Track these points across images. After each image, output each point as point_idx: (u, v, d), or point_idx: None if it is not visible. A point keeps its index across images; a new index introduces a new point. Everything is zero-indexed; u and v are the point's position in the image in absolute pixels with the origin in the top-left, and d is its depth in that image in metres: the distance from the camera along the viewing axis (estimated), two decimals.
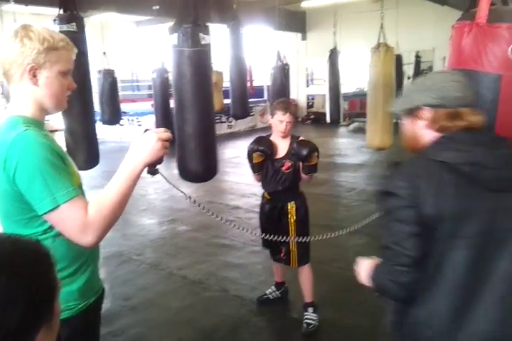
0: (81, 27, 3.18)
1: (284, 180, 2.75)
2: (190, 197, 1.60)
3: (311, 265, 2.92)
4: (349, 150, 9.41)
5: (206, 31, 2.85)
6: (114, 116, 8.36)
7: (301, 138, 2.76)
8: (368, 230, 4.60)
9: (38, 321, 0.64)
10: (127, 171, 1.26)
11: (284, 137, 2.73)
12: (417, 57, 12.17)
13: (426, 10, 11.70)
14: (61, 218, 1.20)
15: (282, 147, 2.74)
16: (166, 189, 6.23)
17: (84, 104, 3.46)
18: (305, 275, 2.86)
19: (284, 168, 2.73)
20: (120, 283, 3.47)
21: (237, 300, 3.23)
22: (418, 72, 12.27)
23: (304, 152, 2.60)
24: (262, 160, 2.72)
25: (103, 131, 12.09)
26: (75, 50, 1.37)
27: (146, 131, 1.31)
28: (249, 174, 3.06)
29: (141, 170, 1.28)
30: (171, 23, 2.93)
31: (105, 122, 8.32)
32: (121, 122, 10.19)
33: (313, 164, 2.67)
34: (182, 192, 1.55)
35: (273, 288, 3.19)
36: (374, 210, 5.58)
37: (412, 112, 1.31)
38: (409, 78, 12.74)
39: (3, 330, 0.59)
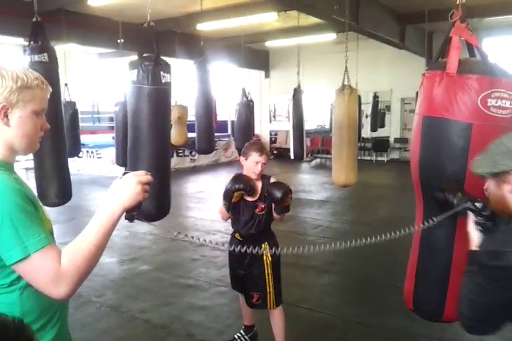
0: (53, 57, 3.12)
1: (259, 222, 2.71)
2: (182, 234, 1.50)
3: None
4: (312, 186, 9.51)
5: (167, 70, 2.84)
6: (73, 148, 8.14)
7: (273, 180, 2.75)
8: (336, 269, 4.62)
9: None
10: (105, 216, 1.19)
11: (257, 179, 2.71)
12: (375, 97, 12.66)
13: (384, 53, 12.31)
14: (32, 268, 1.11)
15: (255, 189, 2.71)
16: (126, 225, 6.04)
17: (57, 138, 3.37)
18: (277, 318, 2.79)
19: (257, 210, 2.70)
20: (79, 327, 3.26)
21: None
22: (376, 111, 12.76)
23: (278, 195, 2.58)
24: (240, 199, 2.68)
25: None
26: (50, 89, 1.32)
27: (125, 173, 1.25)
28: (214, 210, 3.01)
29: (120, 215, 1.21)
30: (134, 57, 2.90)
31: None
32: (79, 154, 9.99)
33: (286, 205, 2.65)
34: (171, 230, 1.48)
35: (242, 332, 3.08)
36: (341, 248, 5.58)
37: (498, 176, 1.28)
38: (367, 117, 13.22)
39: None
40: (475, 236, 1.40)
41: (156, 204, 2.85)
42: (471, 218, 1.43)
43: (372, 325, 3.34)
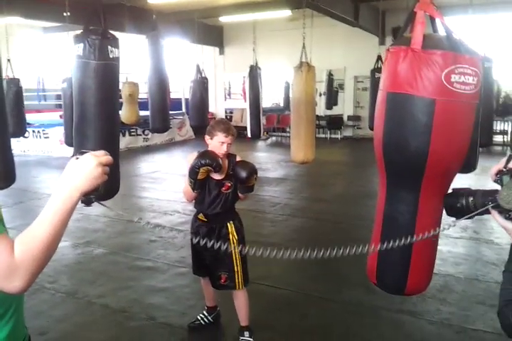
0: None
1: (225, 201, 2.65)
2: (146, 221, 1.43)
3: None
4: (269, 164, 9.52)
5: (115, 44, 2.71)
6: (18, 127, 7.75)
7: (239, 159, 2.69)
8: (295, 245, 4.64)
9: None
10: (61, 201, 1.08)
11: (222, 157, 2.64)
12: (330, 75, 12.71)
13: (338, 31, 12.33)
14: None
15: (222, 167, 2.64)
16: (78, 207, 5.77)
17: None
18: (242, 298, 2.76)
19: (223, 189, 2.64)
20: (33, 315, 3.11)
21: (165, 328, 3.03)
22: (331, 89, 12.84)
23: (244, 174, 2.54)
24: (207, 176, 2.59)
25: None
26: None
27: (82, 153, 1.14)
28: (170, 190, 2.93)
29: (78, 200, 1.11)
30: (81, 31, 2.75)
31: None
32: (25, 134, 9.49)
33: (250, 185, 2.61)
34: (130, 216, 1.39)
35: (204, 312, 3.04)
36: (299, 225, 5.67)
37: None
38: (320, 95, 13.30)
39: None
40: None
41: (104, 185, 2.77)
42: (496, 214, 1.34)
43: (333, 300, 3.40)
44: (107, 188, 2.77)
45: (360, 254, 1.33)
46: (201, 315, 3.03)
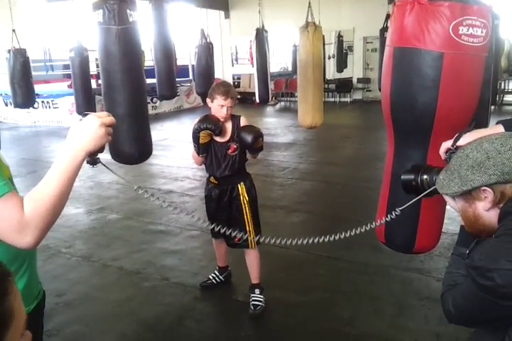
0: None
1: (232, 163, 2.66)
2: (142, 189, 1.44)
3: None
4: (278, 129, 9.48)
5: (133, 7, 2.70)
6: (27, 98, 7.74)
7: (243, 121, 2.68)
8: (304, 208, 4.70)
9: None
10: (67, 161, 1.10)
11: (225, 120, 2.63)
12: (340, 36, 12.39)
13: None
14: None
15: (225, 130, 2.64)
16: (90, 175, 5.91)
17: None
18: (253, 257, 2.83)
19: (230, 151, 2.65)
20: (50, 278, 3.23)
21: (179, 287, 3.13)
22: (341, 51, 12.54)
23: (249, 139, 2.54)
24: (209, 140, 2.61)
25: (15, 116, 11.27)
26: None
27: (85, 114, 1.15)
28: (181, 157, 2.96)
29: (83, 159, 1.13)
30: None
31: (18, 105, 7.71)
32: (34, 105, 9.50)
33: (258, 147, 2.62)
34: (130, 183, 1.42)
35: (216, 272, 3.13)
36: (308, 188, 5.67)
37: (469, 193, 1.11)
38: (329, 58, 13.02)
39: None
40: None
41: (137, 147, 2.91)
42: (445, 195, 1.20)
43: (342, 259, 3.46)
44: (141, 150, 2.92)
45: (364, 216, 1.32)
46: (213, 275, 3.12)
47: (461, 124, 1.87)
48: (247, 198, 2.73)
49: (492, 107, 8.94)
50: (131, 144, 2.89)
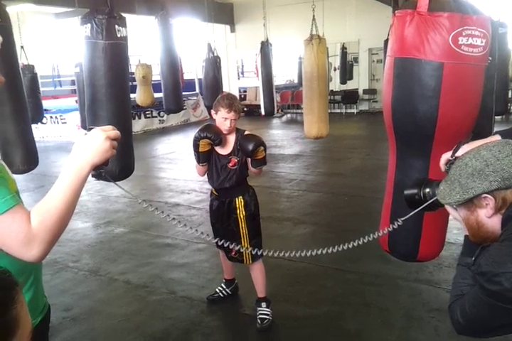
0: (4, 16, 2.90)
1: (231, 177, 2.66)
2: (147, 202, 1.46)
3: None
4: (285, 141, 9.50)
5: (123, 23, 2.70)
6: (36, 114, 7.76)
7: (246, 133, 2.69)
8: (311, 219, 4.68)
9: None
10: (73, 174, 1.11)
11: (229, 133, 2.64)
12: (344, 48, 12.46)
13: (350, 2, 12.02)
14: (0, 231, 1.04)
15: (228, 142, 2.65)
16: (98, 189, 5.94)
17: (17, 101, 3.20)
18: (257, 271, 2.81)
19: (230, 165, 2.65)
20: (58, 293, 3.24)
21: (186, 301, 3.11)
22: (345, 62, 12.60)
23: (249, 147, 2.54)
24: (209, 149, 2.61)
25: None
26: (0, 39, 1.21)
27: (90, 129, 1.17)
28: (187, 170, 2.96)
29: (88, 173, 1.14)
30: None
31: None
32: (43, 120, 9.61)
33: (260, 158, 2.61)
34: (134, 196, 1.43)
35: (223, 285, 3.11)
36: (315, 199, 5.66)
37: (471, 201, 1.11)
38: (335, 70, 13.09)
39: None
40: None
41: (119, 165, 2.80)
42: (447, 206, 1.22)
43: (350, 271, 3.43)
44: (122, 167, 2.83)
45: (372, 226, 1.31)
46: (220, 288, 3.10)
47: (462, 133, 1.87)
48: (243, 213, 2.70)
49: (499, 117, 8.91)
50: (112, 161, 2.84)
